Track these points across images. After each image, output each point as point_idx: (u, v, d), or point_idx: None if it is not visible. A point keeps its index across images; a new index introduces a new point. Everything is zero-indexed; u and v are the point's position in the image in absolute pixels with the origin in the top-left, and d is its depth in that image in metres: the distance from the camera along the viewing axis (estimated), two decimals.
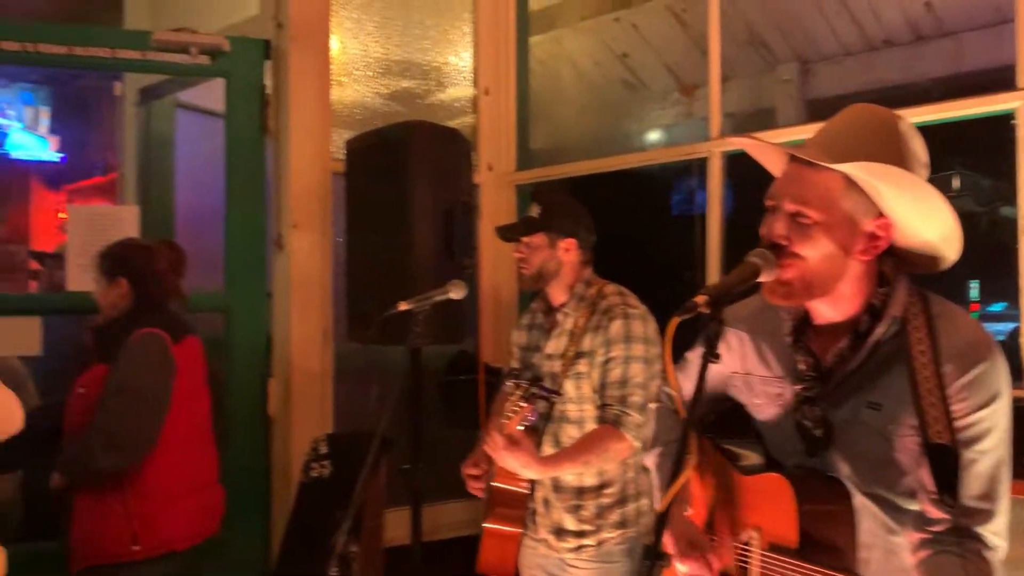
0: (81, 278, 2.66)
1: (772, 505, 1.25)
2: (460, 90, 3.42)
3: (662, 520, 1.10)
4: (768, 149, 1.30)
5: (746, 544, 1.29)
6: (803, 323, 1.32)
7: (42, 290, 3.75)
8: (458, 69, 3.42)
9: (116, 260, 2.40)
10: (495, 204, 3.35)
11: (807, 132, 2.59)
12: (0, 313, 2.74)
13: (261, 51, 2.91)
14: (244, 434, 2.88)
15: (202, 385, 2.44)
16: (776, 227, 1.21)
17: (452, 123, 3.34)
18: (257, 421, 2.89)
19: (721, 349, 1.35)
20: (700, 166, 2.92)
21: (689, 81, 4.90)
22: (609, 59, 4.97)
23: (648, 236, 4.98)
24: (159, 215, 3.60)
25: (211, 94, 3.54)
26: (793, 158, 1.24)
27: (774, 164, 1.32)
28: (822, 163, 1.19)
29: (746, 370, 1.40)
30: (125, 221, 2.78)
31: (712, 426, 1.44)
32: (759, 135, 1.32)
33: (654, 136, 5.19)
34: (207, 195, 3.82)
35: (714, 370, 1.32)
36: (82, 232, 2.76)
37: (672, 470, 1.09)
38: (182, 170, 3.81)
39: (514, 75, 3.45)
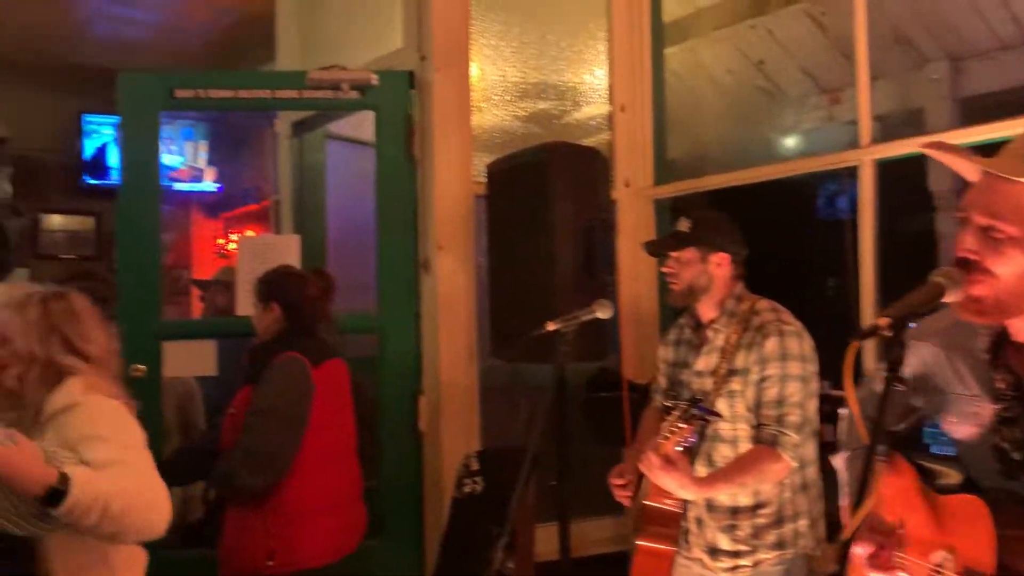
0: (249, 303, 2.84)
1: (968, 528, 1.20)
2: (595, 108, 3.45)
3: (846, 548, 1.07)
4: (956, 157, 1.23)
5: (939, 566, 1.24)
6: (1001, 339, 1.25)
7: (205, 315, 4.01)
8: (593, 87, 3.45)
9: (271, 286, 2.55)
10: (633, 220, 3.35)
11: (963, 136, 2.49)
12: (183, 336, 2.98)
13: (407, 83, 3.04)
14: (397, 449, 3.00)
15: (344, 406, 2.55)
16: (966, 241, 1.15)
17: (588, 141, 3.38)
18: (409, 436, 3.00)
19: (911, 364, 1.31)
20: (848, 172, 2.83)
21: (829, 84, 4.75)
22: (744, 67, 4.88)
23: (791, 244, 4.85)
24: (312, 240, 3.80)
25: (358, 124, 3.73)
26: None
27: (967, 169, 1.24)
28: (1017, 178, 1.13)
29: (940, 387, 1.34)
30: (288, 249, 2.97)
31: (906, 440, 1.39)
32: (941, 142, 1.25)
33: (793, 142, 5.05)
34: (356, 220, 4.01)
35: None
36: (250, 260, 2.94)
37: (858, 491, 1.06)
38: (332, 197, 4.01)
39: (650, 90, 3.46)
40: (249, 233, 6.79)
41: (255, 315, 2.58)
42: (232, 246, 6.84)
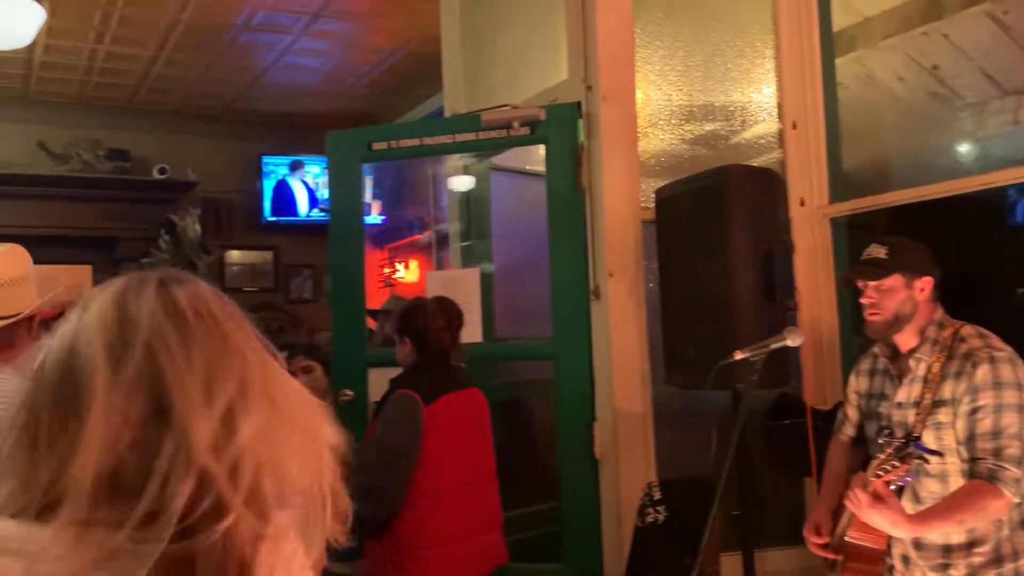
0: None
1: None
2: (764, 126, 3.38)
3: None
4: None
5: None
6: None
7: (376, 344, 4.19)
8: (761, 106, 3.38)
9: (401, 321, 2.69)
10: (810, 240, 3.24)
11: None
12: (388, 364, 3.15)
13: (574, 114, 3.09)
14: (573, 475, 3.02)
15: (472, 438, 2.59)
16: None
17: (758, 160, 3.30)
18: (585, 463, 3.01)
19: None
20: None
21: (1014, 87, 4.43)
22: (916, 73, 4.64)
23: (977, 259, 4.54)
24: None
25: (522, 154, 3.81)
26: None
27: None
28: None
29: None
30: (470, 282, 3.09)
31: None
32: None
33: (974, 149, 4.73)
34: (521, 249, 4.09)
35: None
36: (437, 291, 3.03)
37: None
38: (496, 226, 4.10)
39: (821, 104, 3.34)
40: (412, 263, 7.06)
41: (396, 348, 2.69)
42: (398, 275, 7.13)
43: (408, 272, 7.11)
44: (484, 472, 2.63)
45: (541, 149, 3.39)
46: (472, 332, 3.13)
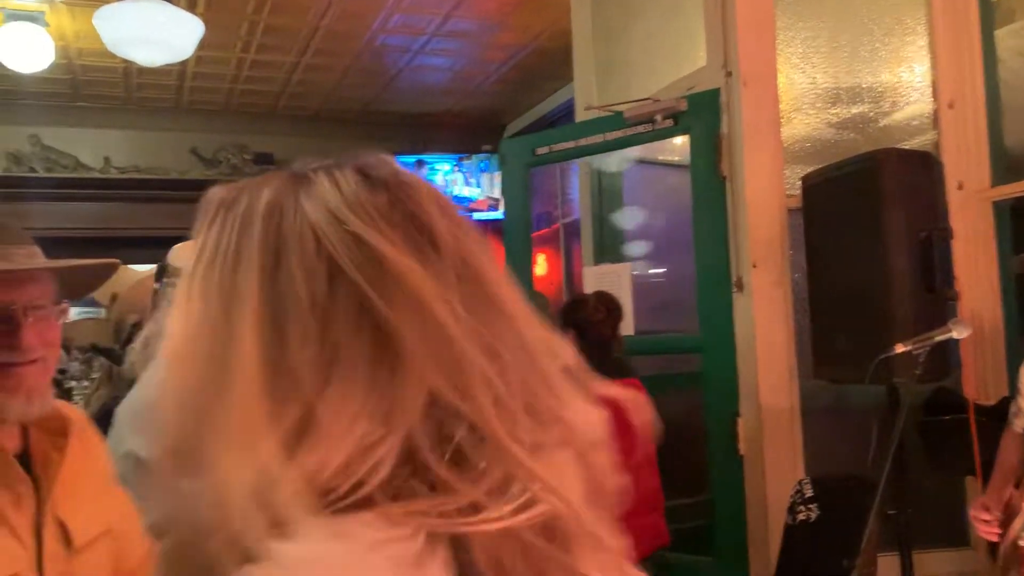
0: None
1: None
2: (916, 108, 3.20)
3: None
4: None
5: None
6: None
7: None
8: (913, 86, 3.20)
9: (563, 314, 2.89)
10: (969, 225, 3.05)
11: None
12: None
13: (715, 102, 3.02)
14: (720, 470, 2.98)
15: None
16: None
17: (909, 144, 3.13)
18: (730, 458, 2.96)
19: None
20: None
21: None
22: None
23: None
24: (613, 263, 3.88)
25: (653, 145, 3.76)
26: None
27: None
28: None
29: None
30: (622, 275, 3.23)
31: None
32: None
33: None
34: (657, 241, 4.04)
35: None
36: (594, 286, 3.28)
37: None
38: (630, 218, 4.07)
39: (981, 80, 3.14)
40: (540, 257, 7.09)
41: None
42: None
43: (536, 266, 7.16)
44: (646, 455, 2.72)
45: (676, 139, 3.35)
46: (624, 325, 3.19)
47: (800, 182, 2.91)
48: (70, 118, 6.26)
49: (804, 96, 3.15)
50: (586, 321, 2.81)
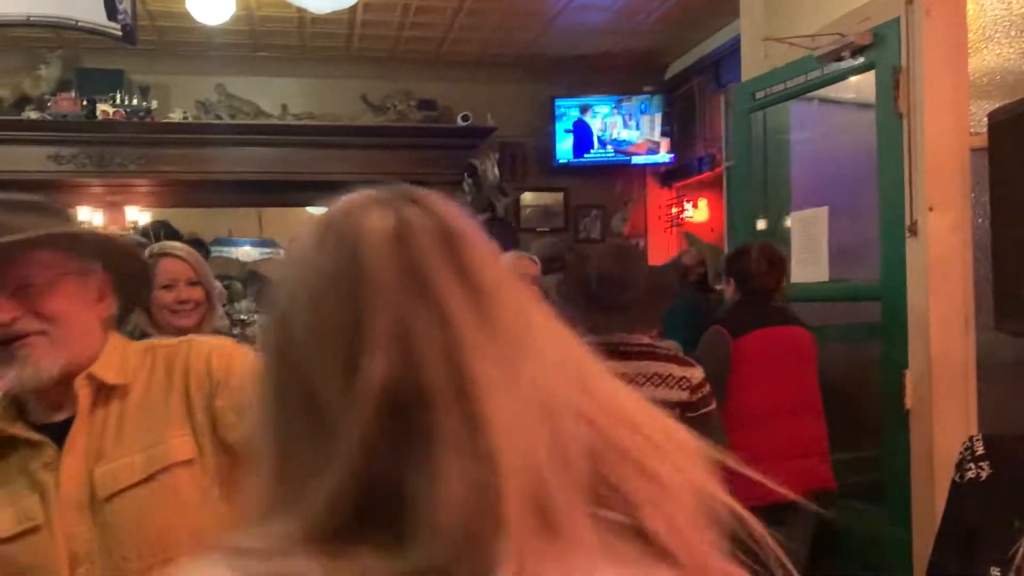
0: (802, 271, 3.34)
1: None
2: None
3: None
4: None
5: None
6: None
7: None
8: None
9: (727, 263, 3.14)
10: None
11: None
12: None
13: (895, 32, 2.82)
14: (888, 426, 2.88)
15: (789, 370, 2.90)
16: None
17: None
18: (896, 413, 2.84)
19: None
20: None
21: None
22: None
23: None
24: (776, 207, 3.74)
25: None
26: None
27: None
28: None
29: None
30: (820, 219, 3.26)
31: None
32: None
33: None
34: (821, 184, 3.85)
35: None
36: (799, 232, 3.37)
37: None
38: (795, 161, 3.89)
39: None
40: (702, 201, 6.93)
41: (724, 288, 3.14)
42: (686, 215, 7.04)
43: (696, 211, 6.99)
44: (801, 402, 2.90)
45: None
46: (819, 271, 3.23)
47: (986, 119, 2.68)
48: (251, 68, 6.65)
49: (997, 24, 2.88)
50: (746, 272, 2.98)
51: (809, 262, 3.29)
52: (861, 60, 2.98)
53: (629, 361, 2.54)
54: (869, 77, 3.00)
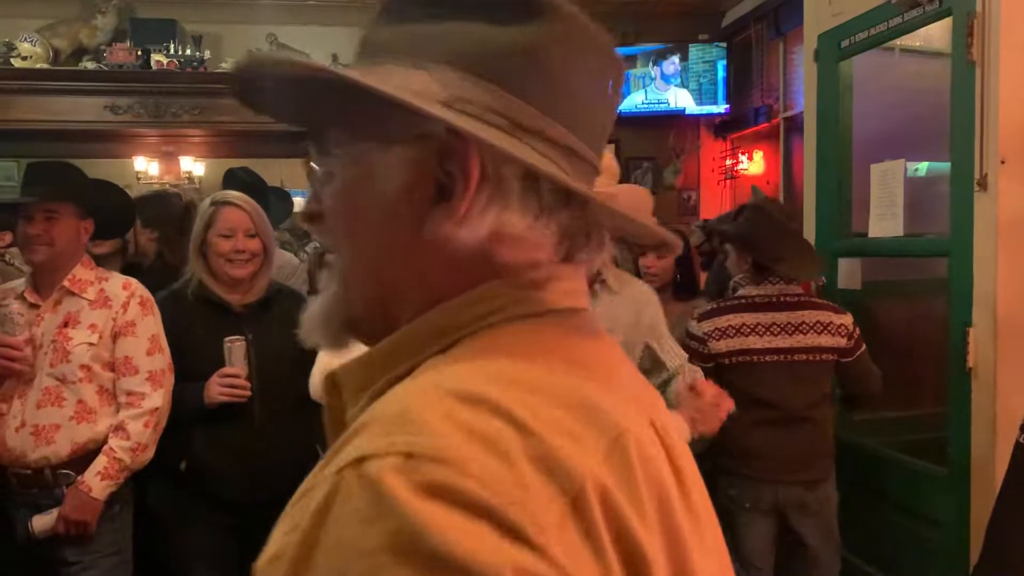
0: (880, 225, 3.23)
1: None
2: None
3: None
4: None
5: None
6: None
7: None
8: None
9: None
10: None
11: None
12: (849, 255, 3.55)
13: None
14: (951, 385, 2.82)
15: None
16: None
17: None
18: (959, 372, 2.78)
19: None
20: None
21: None
22: None
23: None
24: (836, 160, 3.64)
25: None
26: None
27: None
28: None
29: None
30: (896, 172, 3.17)
31: None
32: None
33: None
34: (884, 135, 3.74)
35: None
36: (878, 186, 3.24)
37: None
38: (858, 111, 3.77)
39: None
40: (757, 154, 6.78)
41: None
42: (741, 167, 6.90)
43: (752, 164, 6.84)
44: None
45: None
46: (895, 225, 3.13)
47: None
48: (302, 16, 6.63)
49: None
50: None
51: (886, 216, 3.20)
52: (937, 5, 2.85)
53: (792, 311, 2.85)
54: (948, 25, 2.88)
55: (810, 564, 2.90)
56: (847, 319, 2.89)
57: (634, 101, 6.95)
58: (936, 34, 3.28)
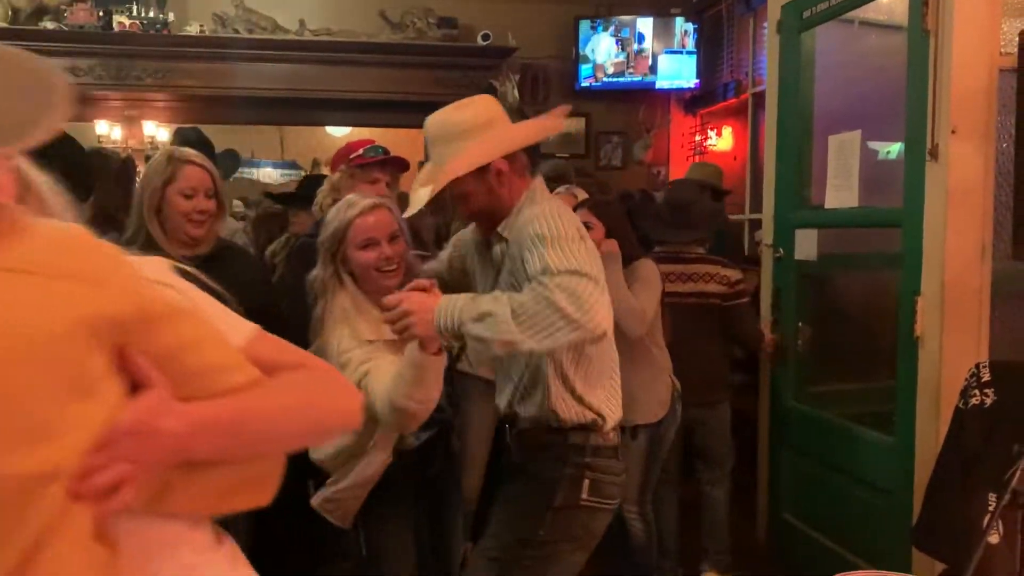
0: (836, 196, 3.28)
1: None
2: None
3: None
4: None
5: None
6: None
7: None
8: None
9: None
10: None
11: None
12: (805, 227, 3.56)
13: None
14: (901, 353, 2.85)
15: None
16: None
17: None
18: (907, 339, 2.81)
19: None
20: None
21: None
22: None
23: None
24: (796, 131, 3.64)
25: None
26: None
27: None
28: None
29: None
30: (852, 143, 3.21)
31: None
32: None
33: None
34: (841, 107, 3.75)
35: None
36: (834, 157, 3.30)
37: None
38: (820, 83, 3.78)
39: None
40: (726, 129, 6.78)
41: None
42: (709, 143, 6.90)
43: (720, 140, 6.84)
44: None
45: None
46: (850, 196, 3.17)
47: (1017, 38, 2.57)
48: None
49: None
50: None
51: (843, 188, 3.21)
52: None
53: (687, 264, 3.37)
54: None
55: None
56: (732, 273, 3.37)
57: (605, 74, 6.92)
58: (898, 8, 3.29)
